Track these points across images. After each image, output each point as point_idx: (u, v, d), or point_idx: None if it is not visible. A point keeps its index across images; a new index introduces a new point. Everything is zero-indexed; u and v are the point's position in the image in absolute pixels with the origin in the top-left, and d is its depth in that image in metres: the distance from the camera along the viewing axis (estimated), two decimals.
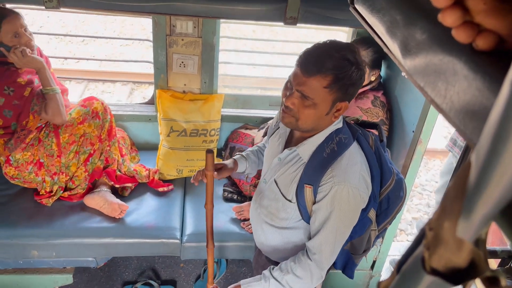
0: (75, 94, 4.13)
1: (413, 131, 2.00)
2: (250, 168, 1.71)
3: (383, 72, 2.28)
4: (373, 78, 2.15)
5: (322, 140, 1.33)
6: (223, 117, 2.53)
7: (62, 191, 2.20)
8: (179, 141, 2.40)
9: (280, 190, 1.40)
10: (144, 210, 2.24)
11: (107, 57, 5.19)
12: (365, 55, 2.06)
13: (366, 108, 2.11)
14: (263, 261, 1.64)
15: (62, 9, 1.57)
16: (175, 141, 2.40)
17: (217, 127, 2.47)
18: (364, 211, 1.37)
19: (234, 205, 2.28)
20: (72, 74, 4.48)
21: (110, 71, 4.62)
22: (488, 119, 0.29)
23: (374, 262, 2.41)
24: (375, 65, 2.12)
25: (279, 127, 1.51)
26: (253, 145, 2.50)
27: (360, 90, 2.13)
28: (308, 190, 1.32)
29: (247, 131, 2.55)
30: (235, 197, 2.33)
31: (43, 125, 2.15)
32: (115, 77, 4.50)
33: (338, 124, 1.35)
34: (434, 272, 0.33)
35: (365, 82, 2.13)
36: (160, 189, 2.34)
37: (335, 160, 1.29)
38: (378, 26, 0.61)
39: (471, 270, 0.33)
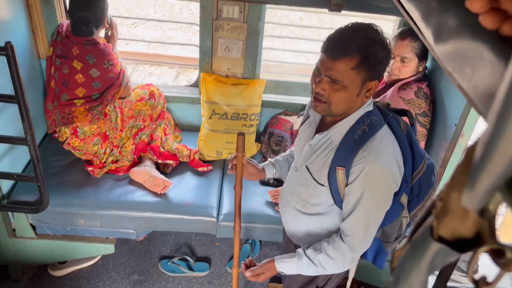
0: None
1: (455, 124, 1.96)
2: (280, 172, 1.71)
3: (428, 63, 2.24)
4: (421, 69, 2.12)
5: (353, 122, 1.34)
6: (263, 102, 2.57)
7: (112, 164, 2.34)
8: (220, 123, 2.47)
9: (312, 175, 1.41)
10: (184, 188, 2.33)
11: (151, 46, 5.34)
12: (415, 46, 2.03)
13: (408, 99, 2.08)
14: (292, 250, 1.64)
15: None
16: (216, 124, 2.47)
17: (257, 111, 2.52)
18: (396, 195, 1.37)
19: (270, 188, 2.33)
20: (122, 55, 4.64)
21: (158, 54, 4.76)
22: (495, 98, 0.31)
23: None
24: (423, 56, 2.08)
25: (309, 116, 1.53)
26: (291, 131, 2.53)
27: (405, 81, 2.10)
28: (340, 172, 1.33)
29: (287, 117, 2.58)
30: (271, 181, 2.38)
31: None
32: (163, 60, 4.63)
33: (368, 106, 1.36)
34: (441, 240, 0.36)
35: (413, 73, 2.10)
36: (200, 169, 2.43)
37: (366, 141, 1.30)
38: (414, 12, 0.62)
39: (476, 240, 0.35)
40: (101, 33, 2.35)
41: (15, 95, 1.72)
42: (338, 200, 1.39)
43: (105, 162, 2.34)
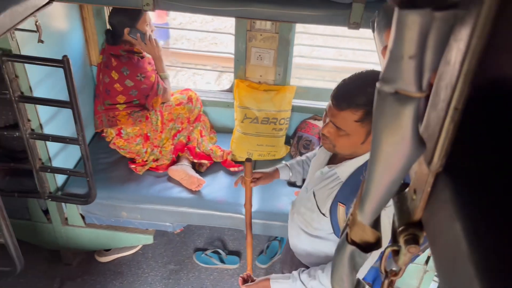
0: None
1: None
2: (294, 176, 1.78)
3: None
4: None
5: (362, 163, 1.36)
6: (294, 107, 2.72)
7: (153, 162, 2.57)
8: (251, 127, 2.65)
9: (316, 203, 1.46)
10: (216, 186, 2.53)
11: (201, 41, 5.62)
12: None
13: None
14: (293, 262, 1.70)
15: (156, 10, 1.85)
16: (248, 127, 2.65)
17: (287, 116, 2.67)
18: None
19: (296, 189, 2.48)
20: (167, 55, 4.94)
21: (201, 55, 5.02)
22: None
23: (428, 257, 2.48)
24: None
25: None
26: (319, 135, 2.66)
27: None
28: (341, 209, 1.37)
29: (315, 122, 2.71)
30: (298, 183, 2.52)
31: None
32: (206, 61, 4.90)
33: None
34: (353, 243, 0.51)
35: None
36: (232, 169, 2.62)
37: None
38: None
39: (377, 244, 0.50)
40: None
41: (69, 101, 1.97)
42: (337, 231, 1.43)
43: (146, 160, 2.58)
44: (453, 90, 0.38)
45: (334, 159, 1.49)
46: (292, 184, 2.55)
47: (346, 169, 1.39)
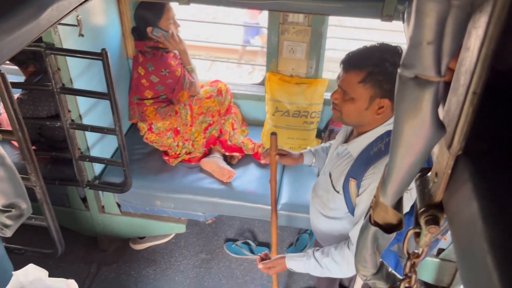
0: (203, 69, 4.63)
1: None
2: (318, 162, 1.83)
3: None
4: None
5: (373, 139, 1.42)
6: (325, 100, 2.72)
7: (185, 155, 2.64)
8: (282, 120, 2.67)
9: (331, 182, 1.52)
10: (247, 177, 2.58)
11: (234, 33, 5.67)
12: None
13: None
14: (317, 245, 1.77)
15: (191, 4, 1.91)
16: (279, 120, 2.68)
17: (318, 109, 2.68)
18: (409, 213, 1.39)
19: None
20: (200, 50, 5.02)
21: (234, 49, 5.08)
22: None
23: None
24: None
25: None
26: None
27: None
28: (352, 184, 1.42)
29: None
30: None
31: None
32: (238, 55, 4.97)
33: (390, 125, 1.41)
34: (376, 224, 0.54)
35: None
36: (263, 162, 2.65)
37: (379, 159, 1.37)
38: None
39: (399, 225, 0.53)
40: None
41: (107, 92, 2.05)
42: (351, 208, 1.48)
43: (179, 153, 2.65)
44: (472, 75, 0.40)
45: (349, 139, 1.55)
46: None
47: (357, 145, 1.45)
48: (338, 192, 1.50)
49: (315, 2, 1.79)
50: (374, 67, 1.30)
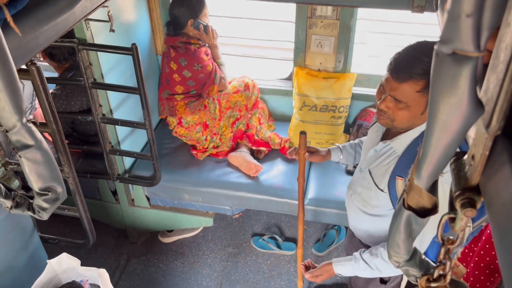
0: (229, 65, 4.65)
1: None
2: (345, 159, 1.80)
3: None
4: None
5: (417, 134, 1.36)
6: (354, 95, 2.69)
7: (213, 149, 2.66)
8: (309, 115, 2.66)
9: (373, 180, 1.48)
10: (274, 172, 2.57)
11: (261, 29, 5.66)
12: None
13: None
14: (356, 244, 1.73)
15: None
16: (306, 115, 2.66)
17: (346, 104, 2.65)
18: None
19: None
20: (228, 46, 5.05)
21: (260, 46, 5.07)
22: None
23: None
24: None
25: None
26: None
27: None
28: (399, 182, 1.37)
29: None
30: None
31: None
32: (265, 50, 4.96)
33: None
34: (410, 208, 0.53)
35: None
36: (289, 157, 2.64)
37: None
38: None
39: (433, 209, 0.51)
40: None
41: (137, 87, 2.09)
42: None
43: (207, 147, 2.67)
44: None
45: (387, 135, 1.50)
46: (350, 172, 2.54)
47: (401, 142, 1.39)
48: (382, 190, 1.45)
49: None
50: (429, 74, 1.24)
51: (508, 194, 0.41)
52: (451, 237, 0.55)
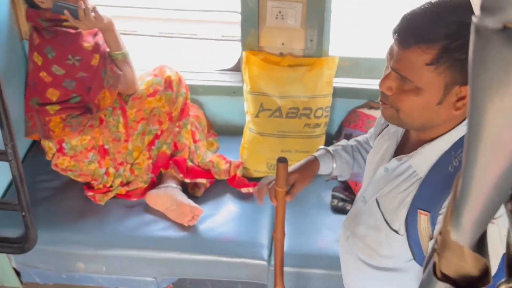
0: (142, 51, 4.60)
1: None
2: (339, 169, 1.78)
3: None
4: None
5: (448, 147, 1.35)
6: (336, 90, 2.71)
7: (121, 187, 2.59)
8: (271, 123, 2.64)
9: (383, 215, 1.46)
10: (221, 217, 2.53)
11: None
12: None
13: None
14: None
15: None
16: (266, 124, 2.65)
17: (326, 105, 2.66)
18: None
19: (345, 217, 2.47)
20: (140, 20, 5.02)
21: (189, 19, 5.09)
22: None
23: None
24: None
25: (388, 124, 1.56)
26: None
27: None
28: (423, 219, 1.35)
29: (371, 112, 2.69)
30: (348, 206, 2.50)
31: None
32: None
33: None
34: (445, 278, 0.50)
35: None
36: (244, 190, 2.61)
37: None
38: None
39: (484, 277, 0.49)
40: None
41: None
42: (419, 256, 1.41)
43: (110, 186, 2.59)
44: None
45: (404, 147, 1.49)
46: (339, 209, 2.54)
47: (424, 158, 1.38)
48: (396, 231, 1.44)
49: None
50: (450, 39, 1.22)
51: None
52: None
